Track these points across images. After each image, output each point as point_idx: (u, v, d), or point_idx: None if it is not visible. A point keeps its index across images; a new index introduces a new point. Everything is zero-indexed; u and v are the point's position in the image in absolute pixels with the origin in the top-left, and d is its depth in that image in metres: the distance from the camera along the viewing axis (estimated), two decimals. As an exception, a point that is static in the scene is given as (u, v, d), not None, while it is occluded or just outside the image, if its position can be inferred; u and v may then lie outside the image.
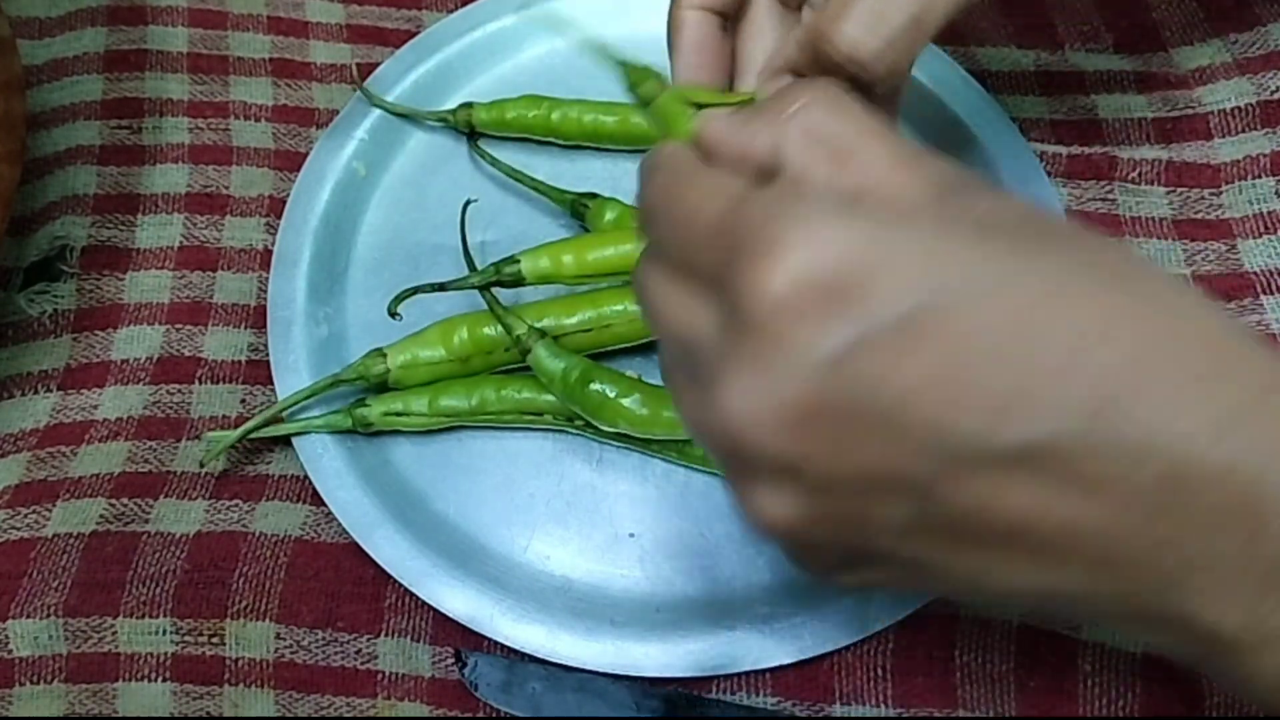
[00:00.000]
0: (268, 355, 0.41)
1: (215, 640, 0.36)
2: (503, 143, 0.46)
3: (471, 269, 0.40)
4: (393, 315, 0.40)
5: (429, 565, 0.36)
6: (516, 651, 0.35)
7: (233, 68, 0.49)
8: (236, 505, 0.38)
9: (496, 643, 0.35)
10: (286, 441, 0.39)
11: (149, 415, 0.40)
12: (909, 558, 0.23)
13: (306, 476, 0.38)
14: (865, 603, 0.35)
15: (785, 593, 0.36)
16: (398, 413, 0.39)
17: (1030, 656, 0.34)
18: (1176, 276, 0.21)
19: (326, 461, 0.38)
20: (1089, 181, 0.43)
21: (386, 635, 0.36)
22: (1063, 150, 0.44)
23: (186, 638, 0.36)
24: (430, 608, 0.36)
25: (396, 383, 0.39)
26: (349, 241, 0.44)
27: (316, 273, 0.43)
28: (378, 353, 0.39)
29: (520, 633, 0.35)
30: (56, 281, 0.43)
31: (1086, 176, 0.44)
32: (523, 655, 0.35)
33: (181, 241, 0.44)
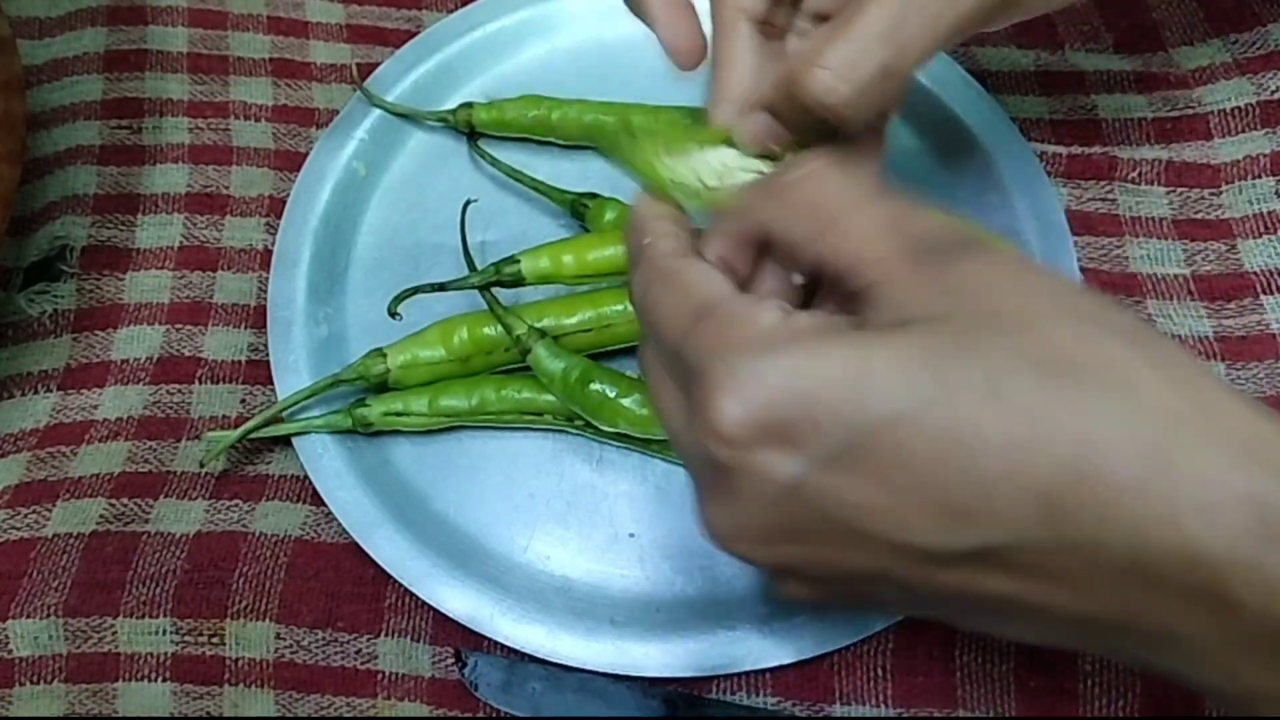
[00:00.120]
0: (268, 355, 0.41)
1: (215, 640, 0.36)
2: (503, 143, 0.46)
3: (471, 269, 0.40)
4: (393, 315, 0.40)
5: (429, 565, 0.36)
6: (516, 651, 0.35)
7: (233, 68, 0.49)
8: (236, 505, 0.38)
9: (496, 643, 0.35)
10: (286, 441, 0.39)
11: (149, 415, 0.40)
12: (913, 610, 0.25)
13: (306, 476, 0.38)
14: (865, 603, 0.35)
15: (785, 593, 0.36)
16: (398, 413, 0.39)
17: (1030, 656, 0.34)
18: (1130, 344, 0.21)
19: (326, 461, 0.38)
20: (1089, 181, 0.43)
21: (386, 635, 0.36)
22: (1063, 150, 0.44)
23: (186, 638, 0.36)
24: (430, 608, 0.36)
25: (396, 383, 0.39)
26: (349, 241, 0.44)
27: (316, 273, 0.43)
28: (378, 353, 0.39)
29: (520, 633, 0.35)
30: (56, 281, 0.43)
31: (1086, 176, 0.44)
32: (523, 655, 0.35)
33: (181, 241, 0.44)
